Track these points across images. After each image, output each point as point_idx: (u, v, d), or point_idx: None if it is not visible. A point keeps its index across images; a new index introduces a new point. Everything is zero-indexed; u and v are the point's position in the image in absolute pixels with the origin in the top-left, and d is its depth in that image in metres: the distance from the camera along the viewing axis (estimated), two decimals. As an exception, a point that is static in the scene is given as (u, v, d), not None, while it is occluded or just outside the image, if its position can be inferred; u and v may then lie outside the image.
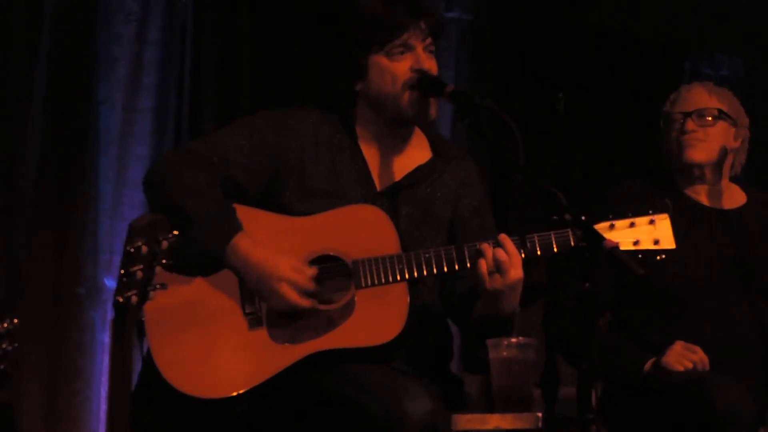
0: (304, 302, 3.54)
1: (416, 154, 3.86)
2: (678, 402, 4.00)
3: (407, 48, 3.71)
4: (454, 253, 3.58)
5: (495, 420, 3.18)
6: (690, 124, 4.39)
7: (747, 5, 6.59)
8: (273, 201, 3.72)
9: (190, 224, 3.53)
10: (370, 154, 3.81)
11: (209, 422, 3.52)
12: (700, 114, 4.40)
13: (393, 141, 3.83)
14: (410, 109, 3.72)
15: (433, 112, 3.76)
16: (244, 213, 3.62)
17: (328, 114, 3.84)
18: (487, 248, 3.52)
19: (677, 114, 4.43)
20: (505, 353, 3.28)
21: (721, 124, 4.42)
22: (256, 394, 3.50)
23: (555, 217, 3.37)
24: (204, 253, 3.56)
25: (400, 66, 3.71)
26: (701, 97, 4.45)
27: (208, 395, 3.49)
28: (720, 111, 4.42)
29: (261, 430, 3.58)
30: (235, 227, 3.58)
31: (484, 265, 3.51)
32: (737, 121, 4.46)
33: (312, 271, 3.57)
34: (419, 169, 3.83)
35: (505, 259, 3.50)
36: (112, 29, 5.69)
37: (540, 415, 3.15)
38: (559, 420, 3.16)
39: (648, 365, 4.15)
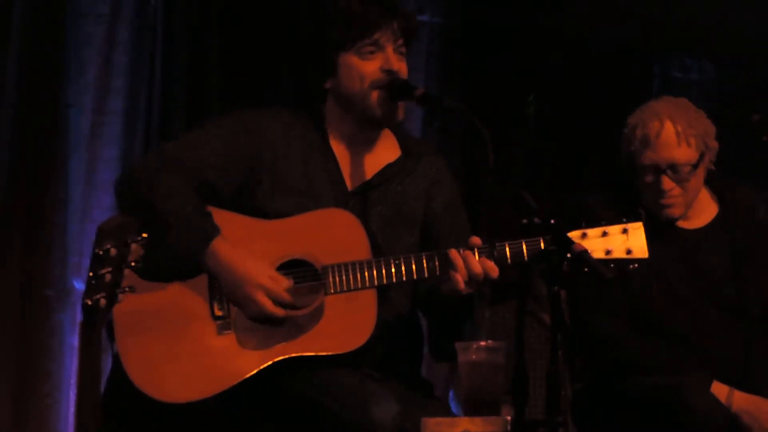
0: (278, 311, 3.53)
1: (385, 153, 3.87)
2: (652, 405, 4.00)
3: (378, 48, 3.71)
4: (425, 261, 3.58)
5: (464, 423, 3.17)
6: (666, 183, 4.14)
7: (717, 8, 6.61)
8: (246, 200, 3.72)
9: (168, 226, 3.52)
10: (341, 153, 3.82)
11: (178, 426, 3.51)
12: (675, 169, 4.13)
13: (362, 140, 3.83)
14: (377, 109, 3.72)
15: (400, 114, 3.76)
16: (215, 216, 3.62)
17: (299, 113, 3.84)
18: (456, 257, 3.52)
19: (648, 165, 4.15)
20: (474, 356, 3.26)
21: (698, 170, 4.17)
22: (224, 398, 3.50)
23: (524, 221, 3.37)
24: (181, 254, 3.55)
25: (370, 65, 3.72)
26: (671, 150, 4.13)
27: (175, 400, 3.48)
28: (695, 162, 4.15)
29: (229, 433, 3.59)
30: (214, 230, 3.57)
31: (459, 277, 3.50)
32: (708, 148, 4.19)
33: (288, 283, 3.56)
34: (389, 168, 3.84)
35: (480, 271, 3.50)
36: (81, 31, 5.67)
37: (509, 418, 3.15)
38: (528, 423, 3.16)
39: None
